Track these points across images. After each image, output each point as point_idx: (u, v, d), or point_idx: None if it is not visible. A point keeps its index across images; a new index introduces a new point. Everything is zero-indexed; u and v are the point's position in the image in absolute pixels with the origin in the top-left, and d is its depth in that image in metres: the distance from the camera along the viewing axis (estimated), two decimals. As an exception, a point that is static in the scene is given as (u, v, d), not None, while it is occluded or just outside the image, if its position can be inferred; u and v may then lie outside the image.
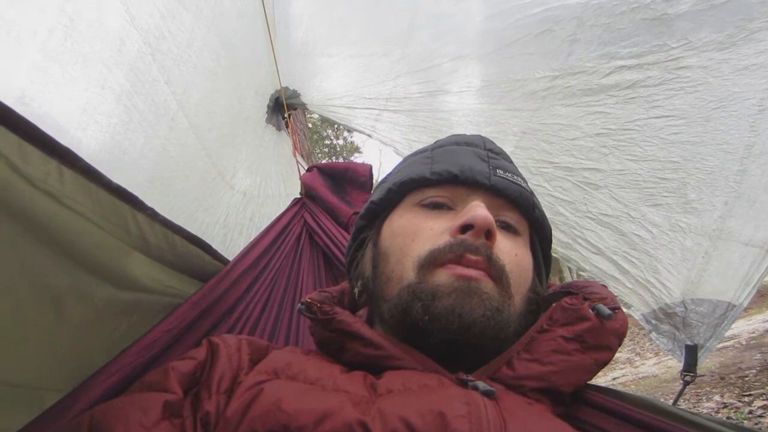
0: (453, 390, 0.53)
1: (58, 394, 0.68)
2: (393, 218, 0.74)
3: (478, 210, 0.63)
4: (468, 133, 0.83)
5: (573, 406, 0.61)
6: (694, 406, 3.82)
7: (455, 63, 1.76)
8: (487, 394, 0.52)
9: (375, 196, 0.80)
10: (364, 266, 0.76)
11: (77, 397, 0.67)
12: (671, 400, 2.55)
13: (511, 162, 0.79)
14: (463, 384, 0.55)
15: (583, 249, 1.63)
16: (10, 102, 0.56)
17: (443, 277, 0.61)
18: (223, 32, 1.29)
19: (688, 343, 1.49)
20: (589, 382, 0.63)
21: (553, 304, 0.67)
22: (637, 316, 1.63)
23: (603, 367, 0.62)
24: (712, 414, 3.42)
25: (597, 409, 0.60)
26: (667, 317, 1.54)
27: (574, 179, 1.65)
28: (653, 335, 1.56)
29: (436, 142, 0.83)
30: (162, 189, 1.10)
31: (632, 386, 5.38)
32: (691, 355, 1.46)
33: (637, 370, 6.07)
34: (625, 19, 1.52)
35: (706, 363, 4.96)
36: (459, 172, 0.70)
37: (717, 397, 3.97)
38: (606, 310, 0.60)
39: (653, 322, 1.56)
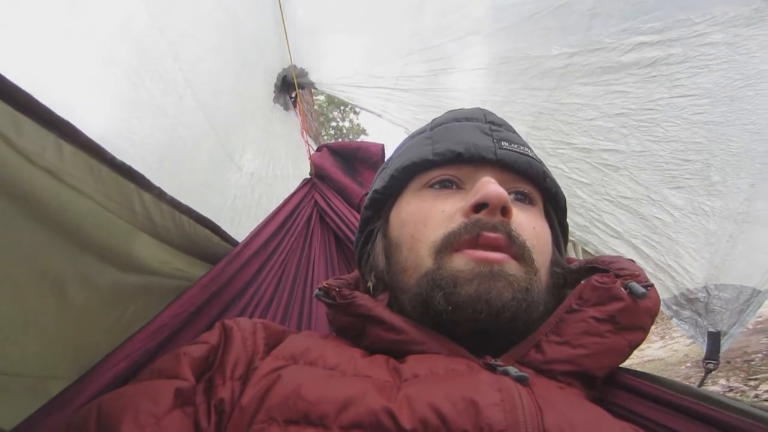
0: (483, 376, 0.50)
1: (64, 383, 0.65)
2: (400, 205, 0.70)
3: (491, 186, 0.59)
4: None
5: (604, 389, 0.58)
6: (700, 390, 3.82)
7: (470, 39, 1.69)
8: (520, 380, 0.49)
9: (377, 184, 0.76)
10: (376, 258, 0.72)
11: (84, 385, 0.65)
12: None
13: (514, 132, 0.75)
14: (492, 369, 0.52)
15: (601, 232, 1.58)
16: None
17: (461, 262, 0.57)
18: (229, 7, 1.24)
19: (711, 329, 1.45)
20: (620, 366, 0.59)
21: (582, 282, 0.63)
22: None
23: (635, 349, 0.58)
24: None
25: (630, 392, 0.57)
26: (689, 303, 1.50)
27: (592, 161, 1.60)
28: (674, 321, 1.53)
29: (433, 120, 0.79)
30: (171, 169, 1.07)
31: (638, 369, 5.37)
32: (714, 342, 1.43)
33: (643, 353, 6.06)
34: (647, -9, 1.45)
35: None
36: (463, 149, 0.66)
37: (723, 381, 3.97)
38: (640, 289, 0.57)
39: (674, 308, 1.52)
